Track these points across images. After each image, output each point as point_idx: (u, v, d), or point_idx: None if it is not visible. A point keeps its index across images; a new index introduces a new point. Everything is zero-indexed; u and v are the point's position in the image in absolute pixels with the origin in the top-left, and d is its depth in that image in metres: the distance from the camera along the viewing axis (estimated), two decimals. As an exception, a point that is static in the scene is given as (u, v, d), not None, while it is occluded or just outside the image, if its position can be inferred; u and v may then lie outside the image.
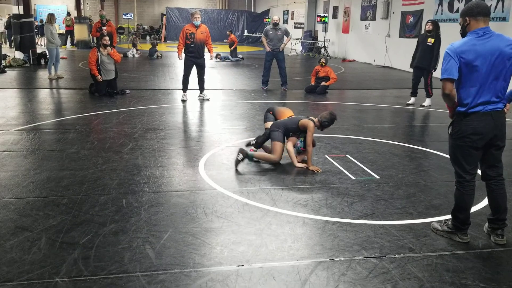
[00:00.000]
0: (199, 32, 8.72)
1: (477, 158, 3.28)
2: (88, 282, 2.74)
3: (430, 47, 8.57)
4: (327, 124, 5.07)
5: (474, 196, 3.37)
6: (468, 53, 3.10)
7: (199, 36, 8.73)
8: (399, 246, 3.29)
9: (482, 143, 3.20)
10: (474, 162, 3.28)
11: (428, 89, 8.90)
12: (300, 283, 2.81)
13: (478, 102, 3.13)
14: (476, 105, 3.14)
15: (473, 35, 3.16)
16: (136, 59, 17.56)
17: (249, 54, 21.34)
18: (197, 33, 8.70)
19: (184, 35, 8.72)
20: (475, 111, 3.14)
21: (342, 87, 11.43)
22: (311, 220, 3.71)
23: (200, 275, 2.86)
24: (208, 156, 5.35)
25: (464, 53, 3.11)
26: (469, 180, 3.29)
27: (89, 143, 5.75)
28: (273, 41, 10.33)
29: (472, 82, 3.13)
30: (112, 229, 3.42)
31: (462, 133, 3.20)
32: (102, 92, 9.20)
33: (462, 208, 3.33)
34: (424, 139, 6.55)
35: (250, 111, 8.11)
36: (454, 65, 3.13)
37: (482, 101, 3.13)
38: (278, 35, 10.31)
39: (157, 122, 7.02)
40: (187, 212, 3.78)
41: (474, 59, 3.09)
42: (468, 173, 3.28)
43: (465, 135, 3.19)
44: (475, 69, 3.10)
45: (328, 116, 5.04)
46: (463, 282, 2.85)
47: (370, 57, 17.80)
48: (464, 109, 3.18)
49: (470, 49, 3.11)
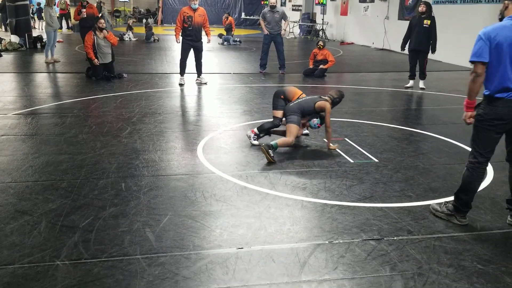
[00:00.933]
0: (196, 15, 8.63)
1: (495, 142, 3.28)
2: (89, 264, 2.75)
3: (427, 29, 8.50)
4: (338, 101, 5.20)
5: (482, 181, 3.37)
6: (498, 37, 3.07)
7: (197, 19, 8.64)
8: (397, 229, 3.31)
9: (505, 128, 3.21)
10: (491, 146, 3.28)
11: (423, 71, 8.88)
12: (299, 265, 2.83)
13: (503, 87, 3.10)
14: (502, 90, 3.11)
15: (509, 20, 3.13)
16: (132, 43, 17.41)
17: (247, 37, 21.17)
18: (195, 16, 8.61)
19: (181, 18, 8.63)
20: (500, 96, 3.12)
21: (340, 70, 11.37)
22: (309, 203, 3.72)
23: (200, 257, 2.87)
24: (206, 140, 5.34)
25: (495, 36, 3.07)
26: (481, 162, 3.30)
27: (87, 127, 5.73)
28: (271, 24, 10.23)
29: (499, 66, 3.10)
30: (111, 213, 3.43)
31: (486, 116, 3.20)
32: (99, 76, 9.13)
33: (467, 189, 3.34)
34: (422, 122, 6.55)
35: (248, 95, 8.07)
36: (485, 48, 3.10)
37: (507, 87, 3.10)
38: (275, 18, 10.20)
39: (155, 106, 6.99)
40: (186, 195, 3.79)
41: (502, 43, 3.06)
42: (482, 156, 3.29)
43: (488, 119, 3.19)
44: (503, 53, 3.07)
45: (338, 94, 5.18)
46: (461, 264, 2.88)
47: (369, 40, 17.67)
48: (489, 92, 3.16)
49: (500, 33, 3.07)
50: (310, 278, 2.70)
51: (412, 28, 8.76)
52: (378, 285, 2.64)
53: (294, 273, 2.74)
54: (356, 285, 2.64)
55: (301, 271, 2.76)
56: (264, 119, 6.33)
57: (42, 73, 10.02)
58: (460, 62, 12.48)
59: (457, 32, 12.37)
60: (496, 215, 3.58)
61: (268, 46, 10.41)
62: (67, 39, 17.86)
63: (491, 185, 4.18)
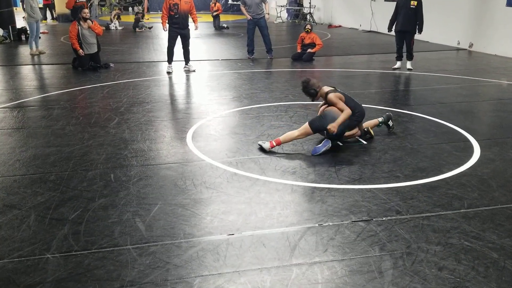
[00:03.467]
0: (183, 2, 8.52)
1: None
2: (79, 256, 2.75)
3: (414, 9, 8.49)
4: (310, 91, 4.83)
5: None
6: None
7: (183, 7, 8.54)
8: (386, 209, 3.34)
9: None
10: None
11: (410, 52, 8.88)
12: (290, 248, 2.85)
13: None
14: None
15: None
16: (119, 32, 17.18)
17: (234, 23, 20.98)
18: (180, 4, 8.50)
19: (167, 6, 8.53)
20: None
21: (328, 54, 11.33)
22: (299, 187, 3.74)
23: (191, 245, 2.89)
24: (195, 128, 5.32)
25: None
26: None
27: (74, 119, 5.67)
28: (252, 7, 10.09)
29: None
30: (101, 204, 3.42)
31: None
32: (86, 66, 9.02)
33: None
34: (410, 103, 6.57)
35: (237, 81, 8.03)
36: None
37: None
38: (255, 1, 10.06)
39: (142, 95, 6.93)
40: (176, 184, 3.79)
41: None
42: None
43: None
44: None
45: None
46: (448, 242, 2.92)
47: (356, 22, 17.59)
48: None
49: None
50: (301, 261, 2.72)
51: (398, 9, 8.74)
52: (367, 265, 2.68)
53: (285, 257, 2.76)
54: (346, 266, 2.67)
55: (292, 255, 2.78)
56: (253, 105, 6.32)
57: (27, 65, 9.88)
58: (447, 42, 12.48)
59: (443, 13, 12.36)
60: (483, 192, 3.63)
61: (253, 31, 10.31)
62: (52, 30, 17.57)
63: (478, 163, 4.22)
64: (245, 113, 5.95)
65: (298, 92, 7.11)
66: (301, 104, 6.38)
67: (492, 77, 8.27)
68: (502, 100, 6.70)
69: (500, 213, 3.30)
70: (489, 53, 10.94)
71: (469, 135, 5.01)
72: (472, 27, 11.56)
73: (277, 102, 6.47)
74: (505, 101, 6.63)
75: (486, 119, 5.90)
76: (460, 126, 5.33)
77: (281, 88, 7.42)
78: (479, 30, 11.34)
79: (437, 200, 3.49)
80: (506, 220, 3.20)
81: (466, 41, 11.83)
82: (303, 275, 2.59)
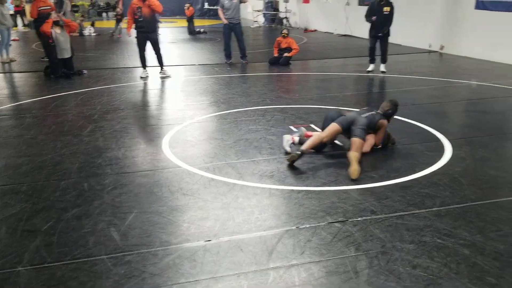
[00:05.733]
0: (146, 5, 8.46)
1: None
2: (52, 268, 2.70)
3: (387, 15, 8.65)
4: (391, 113, 4.77)
5: None
6: None
7: (146, 9, 8.47)
8: (361, 210, 3.38)
9: None
10: None
11: (385, 55, 9.04)
12: (268, 252, 2.86)
13: None
14: None
15: None
16: (93, 38, 16.96)
17: (211, 28, 20.96)
18: (143, 7, 8.44)
19: (131, 11, 8.49)
20: None
21: (304, 58, 11.43)
22: (277, 191, 3.75)
23: (168, 253, 2.86)
24: (172, 134, 5.28)
25: None
26: None
27: (46, 128, 5.57)
28: (229, 11, 10.09)
29: None
30: (74, 214, 3.36)
31: None
32: (58, 73, 8.86)
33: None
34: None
35: (214, 86, 8.02)
36: None
37: None
38: (233, 3, 10.07)
39: (117, 102, 6.85)
40: (152, 191, 3.75)
41: None
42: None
43: None
44: None
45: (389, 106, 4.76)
46: (422, 240, 2.97)
47: (331, 27, 17.80)
48: None
49: None
50: (278, 264, 2.73)
51: (371, 13, 8.87)
52: (343, 266, 2.70)
53: (262, 261, 2.77)
54: (322, 268, 2.69)
55: (269, 259, 2.79)
56: (230, 109, 6.33)
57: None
58: (419, 45, 12.74)
59: (415, 16, 12.61)
60: (455, 190, 3.71)
61: (229, 35, 10.32)
62: (23, 37, 17.23)
63: (450, 162, 4.32)
64: (222, 118, 5.94)
65: (275, 96, 7.15)
66: (278, 108, 6.42)
67: (462, 78, 8.47)
68: (472, 100, 6.87)
69: (471, 210, 3.37)
70: (460, 55, 11.21)
71: (441, 135, 5.12)
72: (442, 30, 11.83)
73: (255, 107, 6.49)
74: (475, 101, 6.80)
75: (457, 119, 6.04)
76: (432, 126, 5.44)
77: (259, 92, 7.44)
78: (449, 33, 11.62)
79: (410, 199, 3.55)
80: (477, 217, 3.27)
81: (437, 44, 12.10)
82: (281, 278, 2.60)
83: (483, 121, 5.71)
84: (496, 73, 8.93)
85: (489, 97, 7.00)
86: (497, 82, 8.01)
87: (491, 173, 4.06)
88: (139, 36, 8.67)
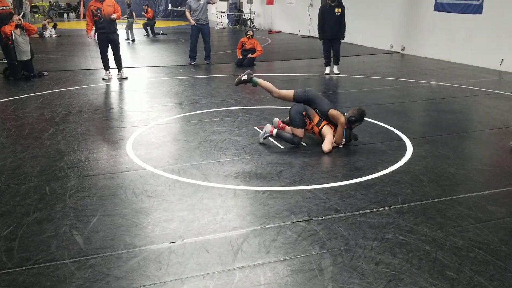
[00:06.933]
0: (105, 5, 8.29)
1: None
2: (13, 274, 2.62)
3: (339, 16, 8.84)
4: (354, 120, 4.76)
5: None
6: None
7: (106, 10, 8.31)
8: (325, 208, 3.45)
9: None
10: None
11: (338, 57, 9.22)
12: (233, 252, 2.87)
13: None
14: None
15: None
16: (54, 39, 16.50)
17: (175, 29, 20.79)
18: (103, 7, 8.29)
19: (90, 13, 8.31)
20: None
21: (269, 59, 11.51)
22: (242, 191, 3.77)
23: (132, 255, 2.83)
24: (136, 136, 5.21)
25: None
26: None
27: (6, 131, 5.38)
28: (197, 12, 10.07)
29: None
30: (36, 218, 3.27)
31: None
32: (18, 75, 8.57)
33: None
34: (347, 105, 6.79)
35: (178, 87, 7.96)
36: None
37: None
38: (201, 4, 10.05)
39: (79, 104, 6.70)
40: (116, 194, 3.69)
41: None
42: None
43: None
44: None
45: (355, 112, 4.79)
46: (384, 237, 3.06)
47: (295, 28, 18.00)
48: None
49: None
50: (244, 264, 2.75)
51: (324, 17, 9.02)
52: (308, 264, 2.75)
53: (228, 261, 2.78)
54: (287, 266, 2.72)
55: (235, 259, 2.80)
56: (195, 111, 6.30)
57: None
58: (380, 45, 13.08)
59: (377, 18, 12.94)
60: (416, 188, 3.83)
61: (197, 37, 10.29)
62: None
63: (411, 160, 4.46)
64: (187, 120, 5.91)
65: (240, 97, 7.17)
66: (243, 109, 6.44)
67: (423, 79, 8.76)
68: (432, 100, 7.11)
69: (432, 207, 3.50)
70: (420, 55, 11.58)
71: (402, 134, 5.28)
72: (403, 31, 12.19)
73: (219, 108, 6.48)
74: (435, 101, 7.04)
75: (418, 119, 6.24)
76: (394, 126, 5.60)
77: (223, 94, 7.44)
78: (410, 34, 11.99)
79: (373, 197, 3.64)
80: (437, 213, 3.40)
81: (398, 45, 12.46)
82: (246, 278, 2.62)
83: (443, 120, 5.92)
84: (454, 73, 9.28)
85: (448, 96, 7.26)
86: (456, 82, 8.32)
87: (451, 170, 4.22)
88: (100, 37, 8.52)
